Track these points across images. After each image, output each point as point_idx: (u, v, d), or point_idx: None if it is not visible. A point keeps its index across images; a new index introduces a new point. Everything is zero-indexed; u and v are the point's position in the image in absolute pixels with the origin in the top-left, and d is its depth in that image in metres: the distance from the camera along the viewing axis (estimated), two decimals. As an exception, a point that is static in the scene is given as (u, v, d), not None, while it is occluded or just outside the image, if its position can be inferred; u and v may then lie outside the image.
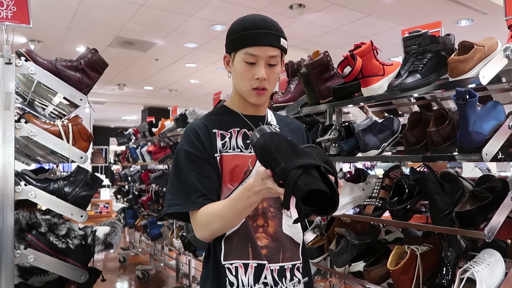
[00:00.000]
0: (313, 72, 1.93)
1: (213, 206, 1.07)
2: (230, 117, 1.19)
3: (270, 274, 1.10)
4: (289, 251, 1.15)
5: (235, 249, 1.10)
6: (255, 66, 1.10)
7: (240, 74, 1.12)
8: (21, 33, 5.51)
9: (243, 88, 1.14)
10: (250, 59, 1.09)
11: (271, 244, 1.12)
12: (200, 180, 1.09)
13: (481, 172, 3.72)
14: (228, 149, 1.14)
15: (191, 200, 1.08)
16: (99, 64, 1.93)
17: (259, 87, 1.11)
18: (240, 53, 1.10)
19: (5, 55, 1.68)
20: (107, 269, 5.24)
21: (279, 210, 1.15)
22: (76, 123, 1.88)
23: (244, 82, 1.12)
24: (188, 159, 1.11)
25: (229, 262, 1.10)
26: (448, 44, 1.53)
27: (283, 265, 1.13)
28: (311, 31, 5.52)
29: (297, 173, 0.84)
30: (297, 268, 1.16)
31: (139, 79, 8.45)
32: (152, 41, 5.90)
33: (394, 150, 2.00)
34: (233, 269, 1.09)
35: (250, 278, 1.08)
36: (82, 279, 1.80)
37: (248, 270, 1.09)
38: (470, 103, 1.31)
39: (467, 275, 1.37)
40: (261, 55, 1.09)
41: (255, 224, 1.12)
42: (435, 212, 1.47)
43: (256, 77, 1.10)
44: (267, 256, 1.11)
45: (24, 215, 1.72)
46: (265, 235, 1.12)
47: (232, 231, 1.11)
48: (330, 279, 2.08)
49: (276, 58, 1.12)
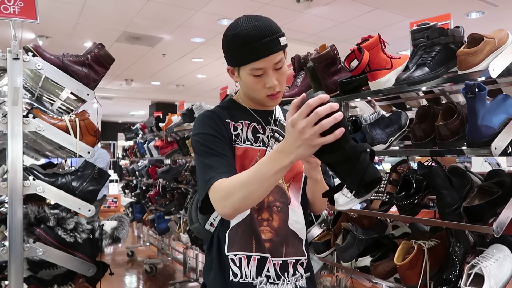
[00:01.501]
0: (320, 66, 1.92)
1: (236, 175, 0.98)
2: (239, 111, 1.18)
3: (273, 268, 1.10)
4: (293, 246, 1.15)
5: (239, 241, 1.11)
6: (264, 76, 1.07)
7: (251, 87, 1.10)
8: (30, 29, 5.55)
9: (256, 97, 1.13)
10: (257, 73, 1.06)
11: (275, 238, 1.12)
12: (227, 157, 1.06)
13: (490, 167, 3.68)
14: (240, 141, 1.13)
15: (222, 170, 1.01)
16: (105, 59, 1.93)
17: (272, 94, 1.10)
18: (245, 68, 1.07)
19: (13, 51, 1.69)
20: (115, 263, 5.29)
21: (285, 205, 1.15)
22: (83, 118, 1.89)
23: (257, 92, 1.11)
24: (210, 141, 1.07)
25: (232, 253, 1.10)
26: (457, 36, 1.50)
27: (286, 260, 1.13)
28: (318, 25, 5.48)
29: (367, 157, 0.80)
30: (300, 264, 1.16)
31: (146, 74, 8.48)
32: (159, 36, 5.91)
33: (401, 145, 1.99)
34: (237, 260, 1.10)
35: (253, 270, 1.09)
36: (90, 272, 1.82)
37: (251, 262, 1.09)
38: (479, 97, 1.29)
39: (475, 271, 1.35)
40: (267, 65, 1.05)
41: (260, 217, 1.12)
42: (443, 207, 1.46)
43: (267, 86, 1.08)
44: (270, 249, 1.11)
45: (32, 209, 1.74)
46: (269, 229, 1.12)
47: (237, 222, 1.11)
48: (336, 274, 2.08)
49: (282, 61, 1.08)
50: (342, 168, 0.85)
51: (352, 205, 1.83)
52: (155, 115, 4.85)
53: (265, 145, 1.16)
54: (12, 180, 1.68)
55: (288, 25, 5.39)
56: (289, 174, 1.17)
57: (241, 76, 1.10)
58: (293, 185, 1.18)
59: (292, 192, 1.18)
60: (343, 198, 1.79)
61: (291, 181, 1.18)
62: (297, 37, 5.84)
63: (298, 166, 1.17)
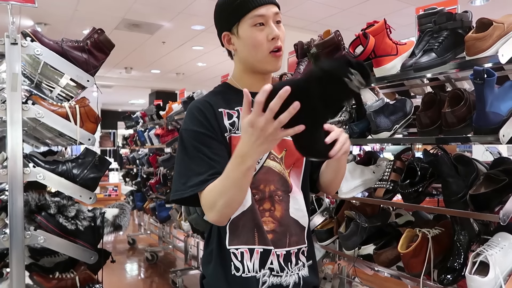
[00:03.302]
0: (324, 52, 1.88)
1: (213, 184, 0.96)
2: (234, 95, 1.10)
3: (276, 260, 1.07)
4: (295, 235, 1.11)
5: (240, 234, 1.06)
6: (265, 27, 1.05)
7: (253, 41, 1.05)
8: (28, 16, 5.48)
9: (258, 57, 1.07)
10: (259, 20, 1.04)
11: (278, 228, 1.09)
12: (211, 158, 1.01)
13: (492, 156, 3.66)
14: (236, 129, 1.07)
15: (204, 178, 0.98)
16: (105, 44, 1.90)
17: (276, 48, 1.06)
18: (246, 19, 1.05)
19: (11, 36, 1.66)
20: (116, 251, 5.31)
21: (286, 193, 1.11)
22: (83, 104, 1.86)
23: (260, 47, 1.05)
24: (195, 139, 1.04)
25: (234, 247, 1.06)
26: (466, 21, 1.47)
27: (289, 250, 1.10)
28: (320, 12, 5.41)
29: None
30: (302, 252, 1.13)
31: (146, 62, 8.41)
32: (158, 23, 5.84)
33: (406, 132, 1.96)
34: (239, 254, 1.06)
35: (256, 263, 1.05)
36: (92, 260, 1.81)
37: (253, 255, 1.06)
38: (488, 83, 1.26)
39: (480, 259, 1.34)
40: (268, 13, 1.04)
41: (262, 208, 1.08)
42: (449, 195, 1.44)
43: (271, 37, 1.04)
44: (273, 241, 1.07)
45: (33, 196, 1.73)
46: (271, 219, 1.08)
47: (237, 214, 1.06)
48: (338, 262, 2.08)
49: (279, 15, 1.08)
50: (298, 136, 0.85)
51: (355, 193, 1.82)
52: (156, 103, 4.81)
53: None
54: (12, 167, 1.66)
55: (290, 12, 5.31)
56: (289, 160, 1.12)
57: (240, 34, 1.07)
58: (293, 171, 1.14)
59: (293, 178, 1.13)
60: (346, 186, 1.78)
61: (292, 167, 1.13)
62: (299, 24, 5.77)
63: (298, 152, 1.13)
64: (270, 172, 1.09)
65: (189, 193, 0.99)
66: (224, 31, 1.10)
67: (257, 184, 1.07)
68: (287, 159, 1.11)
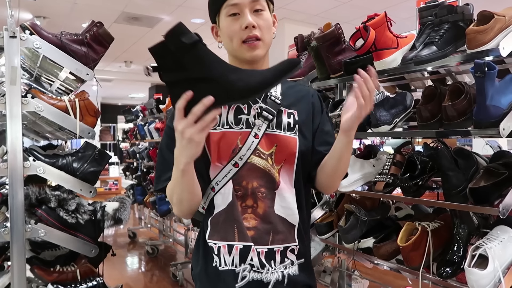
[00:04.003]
0: (324, 46, 1.88)
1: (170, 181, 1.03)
2: None
3: (257, 256, 1.05)
4: (282, 233, 1.08)
5: (220, 230, 1.07)
6: (240, 17, 1.04)
7: (228, 31, 1.05)
8: (27, 9, 5.45)
9: (234, 46, 1.06)
10: (233, 10, 1.04)
11: (260, 225, 1.06)
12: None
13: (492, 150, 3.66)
14: (216, 126, 1.07)
15: (169, 176, 1.02)
16: (105, 38, 1.89)
17: (249, 37, 1.04)
18: (222, 10, 1.06)
19: (9, 29, 1.65)
20: (117, 245, 5.33)
21: (271, 190, 1.08)
22: (83, 98, 1.86)
23: (233, 37, 1.05)
24: (167, 135, 1.09)
25: (213, 241, 1.07)
26: (467, 14, 1.46)
27: (272, 248, 1.06)
28: (321, 5, 5.38)
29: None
30: (291, 250, 1.09)
31: (146, 56, 8.37)
32: (158, 16, 5.81)
33: (406, 126, 1.96)
34: (216, 248, 1.06)
35: (236, 259, 1.05)
36: (92, 253, 1.82)
37: (232, 251, 1.05)
38: (489, 76, 1.26)
39: (479, 252, 1.35)
40: (242, 2, 1.03)
41: (244, 204, 1.07)
42: (448, 188, 1.44)
43: (243, 26, 1.03)
44: (254, 237, 1.05)
45: (33, 190, 1.73)
46: (253, 216, 1.07)
47: (219, 210, 1.07)
48: (338, 255, 2.09)
49: (260, 3, 1.05)
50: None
51: (355, 187, 1.82)
52: (155, 97, 4.80)
53: (250, 126, 1.08)
54: (12, 161, 1.66)
55: (290, 5, 5.29)
56: (280, 156, 1.08)
57: (220, 25, 1.08)
58: (285, 168, 1.09)
59: (283, 175, 1.09)
60: (346, 179, 1.78)
61: (283, 163, 1.09)
62: (299, 17, 5.74)
63: (290, 147, 1.09)
64: (254, 168, 1.07)
65: (158, 187, 1.08)
66: (212, 23, 1.12)
67: (240, 180, 1.06)
68: (277, 155, 1.08)
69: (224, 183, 1.07)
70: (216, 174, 1.07)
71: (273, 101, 1.10)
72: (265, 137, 1.08)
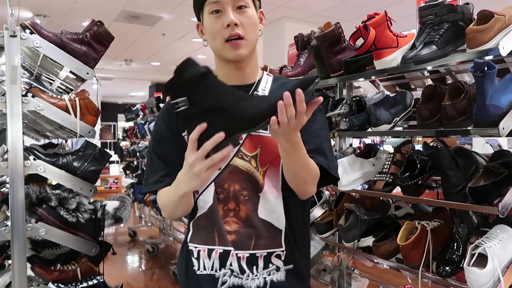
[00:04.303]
0: (324, 45, 1.88)
1: (164, 191, 1.04)
2: None
3: (236, 262, 1.01)
4: (266, 238, 1.03)
5: (201, 233, 1.06)
6: (222, 14, 1.00)
7: (210, 30, 1.02)
8: (27, 8, 5.44)
9: (216, 45, 1.02)
10: (215, 7, 1.00)
11: (242, 229, 1.03)
12: (165, 160, 1.07)
13: (492, 148, 3.66)
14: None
15: (158, 179, 1.06)
16: (105, 37, 1.89)
17: (232, 36, 0.99)
18: (205, 7, 1.02)
19: (10, 28, 1.65)
20: (117, 243, 5.34)
21: (254, 193, 1.03)
22: (83, 97, 1.86)
23: (216, 36, 1.01)
24: (154, 140, 1.11)
25: (193, 244, 1.07)
26: (467, 13, 1.46)
27: (254, 253, 1.02)
28: (321, 4, 5.37)
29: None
30: (276, 256, 1.04)
31: (146, 54, 8.37)
32: (158, 15, 5.80)
33: (406, 125, 1.96)
34: (196, 252, 1.05)
35: (216, 263, 1.03)
36: (93, 252, 1.82)
37: (212, 255, 1.03)
38: (489, 75, 1.26)
39: (478, 251, 1.35)
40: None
41: (226, 207, 1.04)
42: (448, 187, 1.45)
43: (225, 24, 0.99)
44: (235, 242, 1.02)
45: (34, 189, 1.74)
46: (235, 220, 1.03)
47: (199, 214, 1.06)
48: (338, 254, 2.09)
49: (245, 1, 1.01)
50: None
51: (355, 186, 1.82)
52: (156, 96, 4.80)
53: None
54: (12, 160, 1.67)
55: (290, 4, 5.28)
56: (265, 158, 1.04)
57: (204, 23, 1.05)
58: (270, 170, 1.04)
59: (269, 178, 1.04)
60: (346, 178, 1.79)
61: (269, 166, 1.04)
62: (299, 16, 5.74)
63: (275, 149, 0.99)
64: (236, 171, 1.03)
65: (146, 189, 1.09)
66: (197, 21, 1.09)
67: (222, 183, 1.04)
68: (262, 156, 1.04)
69: (206, 185, 1.05)
70: None
71: None
72: (249, 138, 1.04)
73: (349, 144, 2.16)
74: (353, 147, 2.15)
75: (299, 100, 0.79)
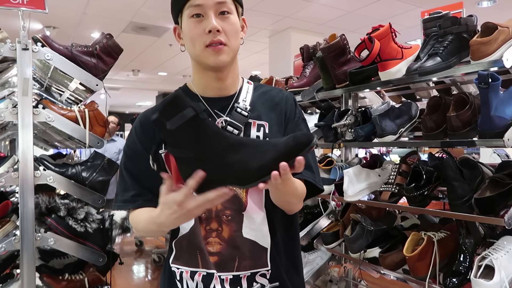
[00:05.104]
0: (329, 56, 1.90)
1: (139, 215, 0.99)
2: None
3: (219, 284, 0.98)
4: (250, 258, 0.99)
5: (184, 255, 1.02)
6: (204, 19, 0.94)
7: (190, 34, 0.96)
8: (37, 19, 5.54)
9: (196, 51, 0.96)
10: (196, 11, 0.94)
11: (225, 251, 0.99)
12: (138, 177, 1.02)
13: (499, 158, 3.64)
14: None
15: (129, 198, 1.02)
16: (114, 49, 1.93)
17: (213, 42, 0.94)
18: (185, 10, 0.96)
19: (22, 41, 1.69)
20: (124, 253, 5.35)
21: (237, 213, 0.99)
22: (92, 108, 1.89)
23: (196, 41, 0.95)
24: (126, 154, 1.05)
25: (176, 266, 1.03)
26: (470, 25, 1.47)
27: (238, 274, 0.99)
28: (326, 15, 5.42)
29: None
30: (261, 274, 1.00)
31: (153, 65, 8.46)
32: (165, 26, 5.88)
33: (411, 136, 1.97)
34: (178, 274, 1.02)
35: (200, 286, 1.00)
36: (100, 262, 1.84)
37: (195, 277, 1.00)
38: (493, 87, 1.27)
39: (485, 262, 1.35)
40: (207, 3, 0.94)
41: (209, 227, 1.00)
42: (454, 198, 1.45)
43: (207, 29, 0.93)
44: (218, 263, 0.99)
45: (43, 199, 1.76)
46: (218, 241, 0.99)
47: (181, 235, 1.03)
48: (344, 265, 2.09)
49: (227, 5, 0.96)
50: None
51: (361, 197, 1.82)
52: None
53: None
54: (23, 170, 1.70)
55: (296, 14, 5.33)
56: None
57: (182, 27, 0.99)
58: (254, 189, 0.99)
59: (252, 196, 1.00)
60: (351, 189, 1.79)
61: None
62: (305, 27, 5.78)
63: None
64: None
65: (116, 207, 1.05)
66: (175, 24, 1.03)
67: None
68: None
69: None
70: None
71: (239, 114, 1.00)
72: None
73: (354, 155, 2.17)
74: (359, 158, 2.15)
75: (289, 171, 0.75)
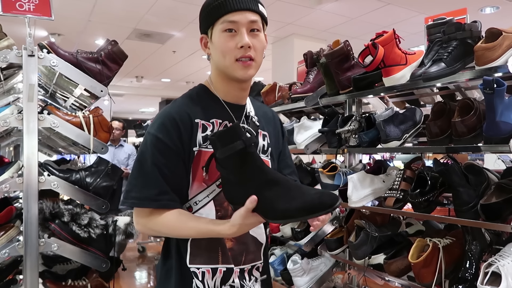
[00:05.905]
0: (333, 62, 1.90)
1: (170, 219, 0.99)
2: (211, 103, 1.08)
3: (237, 278, 1.07)
4: (252, 252, 1.11)
5: (203, 254, 1.04)
6: (237, 34, 1.00)
7: (222, 47, 1.01)
8: (42, 26, 5.59)
9: (226, 63, 1.02)
10: (230, 26, 0.99)
11: (235, 246, 1.08)
12: (166, 175, 0.99)
13: (504, 164, 3.62)
14: (209, 144, 1.02)
15: (152, 196, 0.98)
16: (119, 55, 1.94)
17: (244, 56, 1.00)
18: (218, 24, 1.01)
19: (28, 48, 1.70)
20: (126, 259, 5.33)
21: None
22: (97, 114, 1.90)
23: (227, 54, 1.01)
24: (157, 148, 0.99)
25: (195, 266, 1.04)
26: (475, 31, 1.48)
27: (243, 268, 1.09)
28: (329, 21, 5.44)
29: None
30: (256, 268, 1.12)
31: (156, 71, 8.51)
32: (169, 33, 5.92)
33: (415, 141, 1.96)
34: (200, 274, 1.04)
35: (218, 281, 1.04)
36: (104, 267, 1.83)
37: (216, 274, 1.04)
38: (498, 92, 1.26)
39: (492, 269, 1.33)
40: (241, 20, 0.99)
41: None
42: (459, 204, 1.44)
43: (239, 45, 0.99)
44: (232, 258, 1.07)
45: (47, 204, 1.76)
46: (230, 238, 1.06)
47: None
48: (348, 271, 2.07)
49: (258, 24, 1.02)
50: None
51: (365, 203, 1.82)
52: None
53: None
54: (27, 175, 1.70)
55: (299, 21, 5.35)
56: None
57: (213, 39, 1.03)
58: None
59: None
60: (356, 195, 1.78)
61: None
62: (308, 33, 5.81)
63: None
64: None
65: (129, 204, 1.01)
66: (202, 33, 1.08)
67: (221, 201, 1.04)
68: None
69: (204, 203, 1.04)
70: (196, 193, 1.04)
71: (254, 123, 1.11)
72: None
73: (358, 160, 2.16)
74: (363, 163, 2.15)
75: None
